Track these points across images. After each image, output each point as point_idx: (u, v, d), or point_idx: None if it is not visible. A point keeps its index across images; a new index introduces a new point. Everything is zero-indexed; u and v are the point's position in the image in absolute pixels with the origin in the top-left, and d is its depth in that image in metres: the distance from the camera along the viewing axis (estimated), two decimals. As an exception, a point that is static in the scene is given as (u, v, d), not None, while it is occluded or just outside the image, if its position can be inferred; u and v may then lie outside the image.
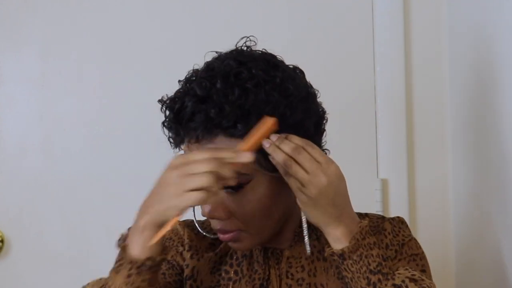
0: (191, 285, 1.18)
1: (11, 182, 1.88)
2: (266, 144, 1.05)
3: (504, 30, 1.42)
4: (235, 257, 1.20)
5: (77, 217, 1.87)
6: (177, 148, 1.13)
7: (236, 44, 1.14)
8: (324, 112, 1.15)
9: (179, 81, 1.13)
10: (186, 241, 1.21)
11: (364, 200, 1.79)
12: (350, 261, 1.07)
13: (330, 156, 1.12)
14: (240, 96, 1.04)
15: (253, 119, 1.04)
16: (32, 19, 1.87)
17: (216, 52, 1.13)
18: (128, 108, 1.86)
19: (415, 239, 1.21)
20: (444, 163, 1.85)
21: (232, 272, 1.19)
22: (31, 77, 1.88)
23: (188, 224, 1.24)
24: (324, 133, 1.16)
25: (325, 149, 1.16)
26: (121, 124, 1.86)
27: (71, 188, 1.87)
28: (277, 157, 1.05)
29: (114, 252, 1.90)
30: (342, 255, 1.07)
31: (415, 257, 1.19)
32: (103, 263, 1.96)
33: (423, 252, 1.21)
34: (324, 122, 1.15)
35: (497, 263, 1.49)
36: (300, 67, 1.15)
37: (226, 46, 1.14)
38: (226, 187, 1.06)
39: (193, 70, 1.13)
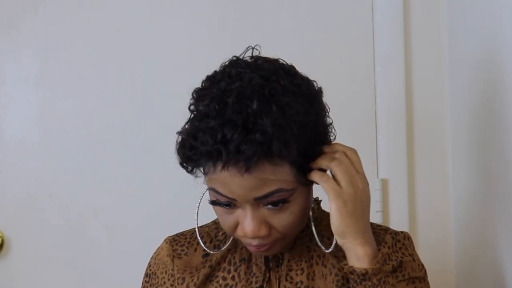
0: None
1: (11, 182, 1.87)
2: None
3: (505, 29, 1.42)
4: (233, 262, 1.19)
5: (77, 217, 1.87)
6: (194, 170, 1.08)
7: (242, 55, 1.10)
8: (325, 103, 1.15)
9: (189, 106, 1.08)
10: (177, 275, 1.19)
11: (364, 200, 1.79)
12: (369, 283, 1.06)
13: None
14: (277, 113, 1.01)
15: (288, 132, 1.01)
16: (32, 19, 1.87)
17: (228, 63, 1.08)
18: (128, 108, 1.86)
19: (417, 260, 1.18)
20: (444, 163, 1.85)
21: (230, 277, 1.18)
22: (31, 77, 1.87)
23: (174, 240, 1.22)
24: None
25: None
26: (121, 124, 1.86)
27: (71, 188, 1.87)
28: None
29: (114, 252, 1.92)
30: (364, 275, 1.06)
31: (415, 280, 1.16)
32: (103, 263, 1.96)
33: (425, 275, 1.18)
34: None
35: (497, 263, 1.49)
36: (300, 67, 1.14)
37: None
38: (267, 203, 1.06)
39: (200, 90, 1.07)
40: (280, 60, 1.10)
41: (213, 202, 1.08)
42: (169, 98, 1.81)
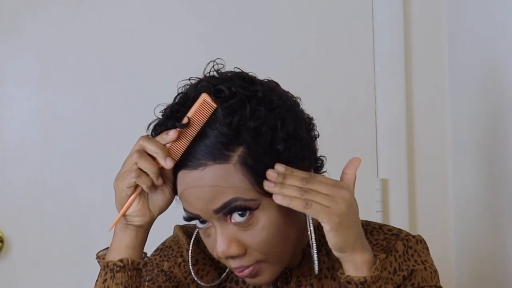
0: None
1: (11, 182, 1.87)
2: (270, 185, 0.99)
3: (504, 28, 1.42)
4: None
5: (77, 217, 1.87)
6: None
7: (204, 71, 1.07)
8: (311, 119, 1.09)
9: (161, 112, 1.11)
10: (191, 255, 1.14)
11: (364, 200, 1.77)
12: None
13: (330, 156, 1.11)
14: (226, 117, 1.00)
15: (243, 139, 1.00)
16: (32, 19, 1.87)
17: (189, 79, 1.09)
18: (128, 108, 1.86)
19: (430, 267, 1.12)
20: (444, 163, 1.85)
21: None
22: (31, 77, 1.87)
23: (198, 239, 1.16)
24: (316, 140, 1.09)
25: (321, 155, 1.10)
26: (121, 124, 1.86)
27: (71, 188, 1.87)
28: (288, 193, 0.99)
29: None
30: (363, 283, 1.01)
31: None
32: (103, 263, 1.94)
33: (437, 282, 1.12)
34: (314, 128, 1.09)
35: (497, 263, 1.49)
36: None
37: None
38: (228, 214, 1.01)
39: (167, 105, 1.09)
40: (238, 71, 1.07)
41: (186, 219, 1.07)
42: (169, 98, 1.81)
